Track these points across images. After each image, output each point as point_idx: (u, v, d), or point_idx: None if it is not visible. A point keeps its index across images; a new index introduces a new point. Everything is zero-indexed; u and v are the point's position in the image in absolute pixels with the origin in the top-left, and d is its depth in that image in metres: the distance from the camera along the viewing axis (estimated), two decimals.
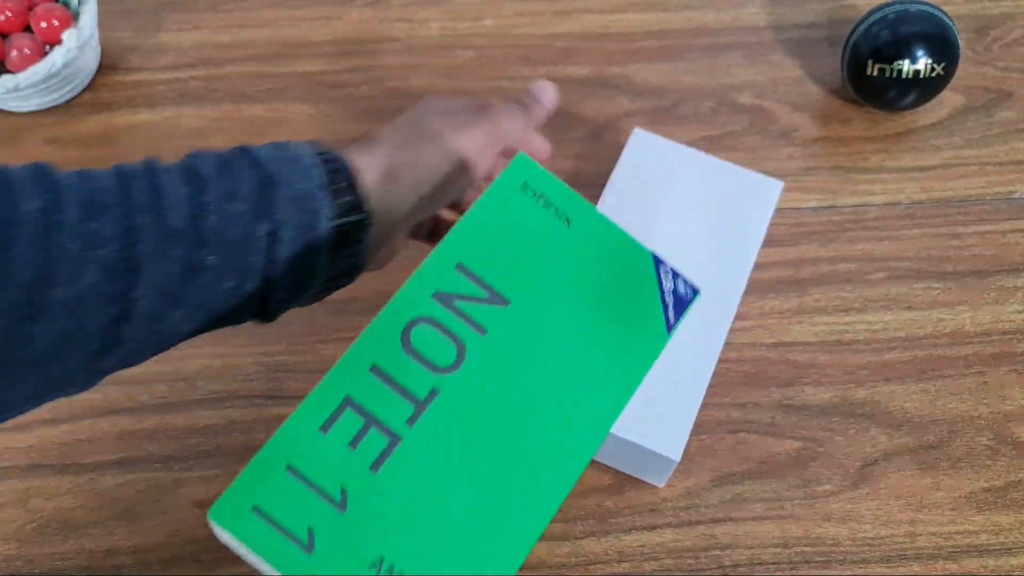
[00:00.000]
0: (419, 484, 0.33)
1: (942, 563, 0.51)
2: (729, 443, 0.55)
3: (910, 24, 0.61)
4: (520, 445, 0.34)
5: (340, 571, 0.32)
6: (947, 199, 0.63)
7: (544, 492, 0.34)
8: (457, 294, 0.37)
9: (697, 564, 0.51)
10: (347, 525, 0.32)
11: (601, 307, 0.38)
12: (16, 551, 0.52)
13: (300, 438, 0.34)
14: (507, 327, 0.37)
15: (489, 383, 0.35)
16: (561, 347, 0.37)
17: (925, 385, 0.56)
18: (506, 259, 0.38)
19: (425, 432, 0.34)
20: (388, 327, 0.36)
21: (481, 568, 0.32)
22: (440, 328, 0.36)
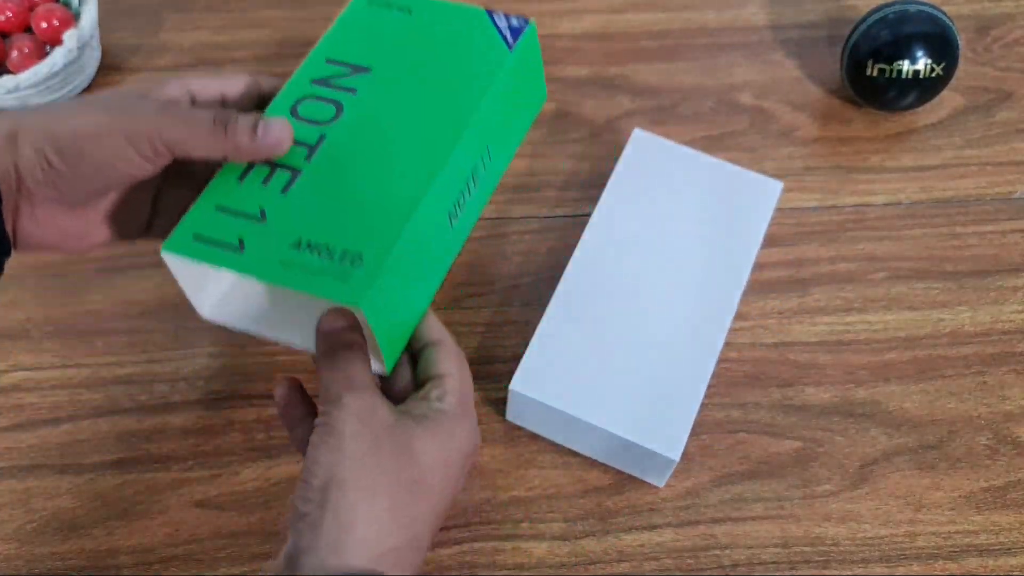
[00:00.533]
0: (320, 194, 0.42)
1: (942, 563, 0.51)
2: (729, 443, 0.55)
3: (910, 24, 0.61)
4: (391, 161, 0.43)
5: (268, 257, 0.39)
6: (947, 199, 0.63)
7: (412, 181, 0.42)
8: (330, 76, 0.46)
9: (697, 564, 0.51)
10: (268, 229, 0.40)
11: (447, 52, 0.47)
12: (16, 551, 0.52)
13: (223, 187, 0.42)
14: (373, 84, 0.46)
15: (365, 123, 0.44)
16: (420, 85, 0.46)
17: (925, 385, 0.56)
18: (364, 46, 0.47)
19: (319, 162, 0.43)
20: (280, 109, 0.45)
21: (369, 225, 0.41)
22: (320, 99, 0.45)
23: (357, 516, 0.35)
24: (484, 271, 0.60)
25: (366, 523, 0.35)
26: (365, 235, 0.40)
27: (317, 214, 0.41)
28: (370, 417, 0.37)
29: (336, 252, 0.39)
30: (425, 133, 0.44)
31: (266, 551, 0.52)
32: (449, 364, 0.41)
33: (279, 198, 0.41)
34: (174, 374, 0.57)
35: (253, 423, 0.55)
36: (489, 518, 0.52)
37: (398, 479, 0.36)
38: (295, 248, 0.40)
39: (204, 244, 0.40)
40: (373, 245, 0.40)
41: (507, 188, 0.63)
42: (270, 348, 0.58)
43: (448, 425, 0.39)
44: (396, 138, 0.44)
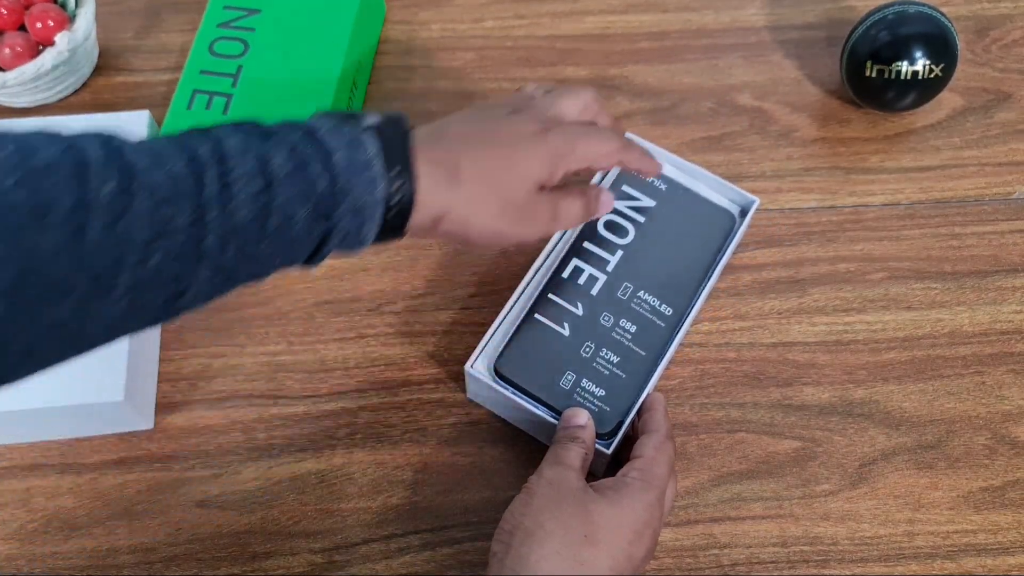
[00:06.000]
0: (252, 113, 0.57)
1: (940, 562, 0.51)
2: (728, 443, 0.55)
3: (909, 25, 0.61)
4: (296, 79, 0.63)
5: None
6: (946, 200, 0.63)
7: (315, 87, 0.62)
8: (230, 20, 0.65)
9: (696, 563, 0.51)
10: None
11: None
12: (17, 550, 0.52)
13: (174, 116, 0.61)
14: (265, 22, 0.65)
15: (268, 53, 0.64)
16: (300, 18, 0.65)
17: (923, 385, 0.56)
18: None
19: (243, 88, 0.62)
20: (200, 51, 0.64)
21: None
22: (228, 39, 0.64)
23: (531, 553, 0.42)
24: (484, 271, 0.60)
25: (537, 560, 0.41)
26: None
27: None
28: (560, 483, 0.45)
29: None
30: (314, 52, 0.63)
31: (267, 550, 0.52)
32: (648, 448, 0.47)
33: (224, 119, 0.47)
34: (175, 374, 0.57)
35: (254, 423, 0.55)
36: (489, 518, 0.53)
37: (570, 530, 0.42)
38: None
39: None
40: None
41: None
42: (270, 348, 0.58)
43: (627, 495, 0.44)
44: (295, 60, 0.63)
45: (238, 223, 0.37)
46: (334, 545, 0.52)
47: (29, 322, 0.33)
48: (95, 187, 0.34)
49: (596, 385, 0.52)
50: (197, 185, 0.36)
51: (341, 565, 0.51)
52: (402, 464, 0.54)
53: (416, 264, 0.61)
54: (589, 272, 0.55)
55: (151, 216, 0.35)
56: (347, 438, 0.55)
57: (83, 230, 0.33)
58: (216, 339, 0.58)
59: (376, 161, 0.41)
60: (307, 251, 0.41)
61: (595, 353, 0.53)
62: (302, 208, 0.39)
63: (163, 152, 0.37)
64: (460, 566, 0.51)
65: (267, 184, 0.38)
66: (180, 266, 0.36)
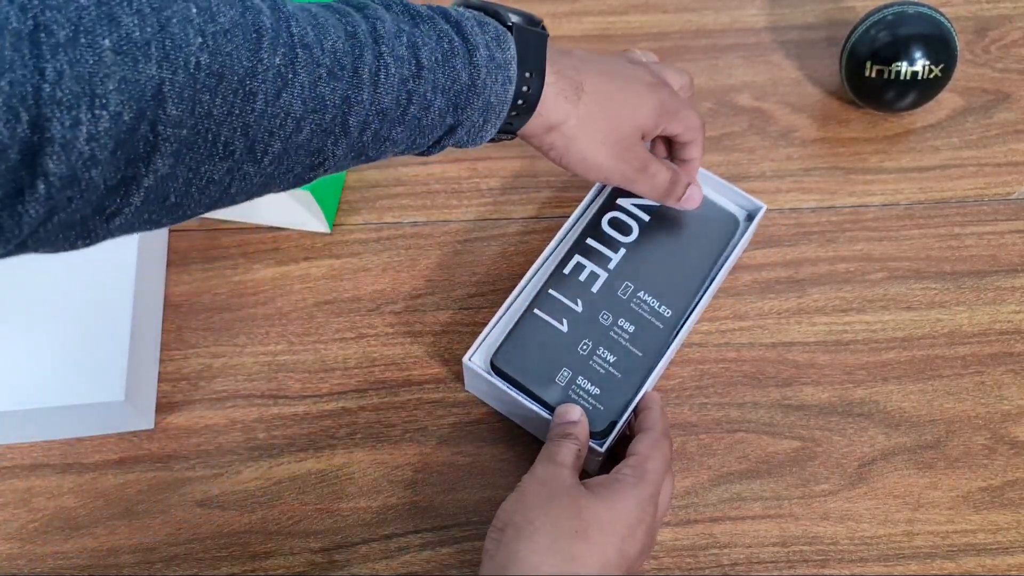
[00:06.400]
0: None
1: (940, 562, 0.51)
2: (727, 442, 0.55)
3: (908, 26, 0.61)
4: None
5: None
6: (945, 200, 0.63)
7: None
8: None
9: (696, 563, 0.51)
10: None
11: None
12: (18, 550, 0.52)
13: None
14: None
15: None
16: None
17: (923, 385, 0.56)
18: None
19: None
20: None
21: None
22: None
23: (522, 549, 0.42)
24: (484, 271, 0.60)
25: (528, 555, 0.41)
26: None
27: None
28: (551, 480, 0.45)
29: None
30: None
31: (267, 550, 0.52)
32: (642, 445, 0.47)
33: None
34: (175, 374, 0.57)
35: (254, 422, 0.56)
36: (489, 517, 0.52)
37: (560, 526, 0.42)
38: None
39: None
40: None
41: (507, 189, 0.64)
42: (270, 348, 0.58)
43: (618, 492, 0.44)
44: None
45: (383, 107, 0.40)
46: (334, 545, 0.52)
47: (187, 179, 0.35)
48: (267, 57, 0.35)
49: (591, 383, 0.52)
50: (354, 64, 0.38)
51: (341, 565, 0.52)
52: (402, 464, 0.54)
53: (416, 264, 0.61)
54: (591, 269, 0.55)
55: (310, 91, 0.37)
56: (347, 438, 0.55)
57: (252, 98, 0.35)
58: (216, 339, 0.58)
59: (513, 63, 0.43)
60: (431, 140, 0.43)
61: (592, 351, 0.52)
62: (441, 99, 0.41)
63: (326, 25, 0.38)
64: (460, 566, 0.52)
65: (416, 72, 0.40)
66: (323, 140, 0.39)
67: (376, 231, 0.62)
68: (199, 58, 0.33)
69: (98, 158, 0.31)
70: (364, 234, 0.62)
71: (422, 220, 0.63)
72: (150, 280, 0.58)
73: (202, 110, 0.34)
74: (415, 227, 0.62)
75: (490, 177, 0.64)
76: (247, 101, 0.35)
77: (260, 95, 0.35)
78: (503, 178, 0.64)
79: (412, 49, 0.40)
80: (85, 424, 0.54)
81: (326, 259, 0.61)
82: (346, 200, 0.63)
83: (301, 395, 0.57)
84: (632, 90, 0.50)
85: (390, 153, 0.43)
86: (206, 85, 0.33)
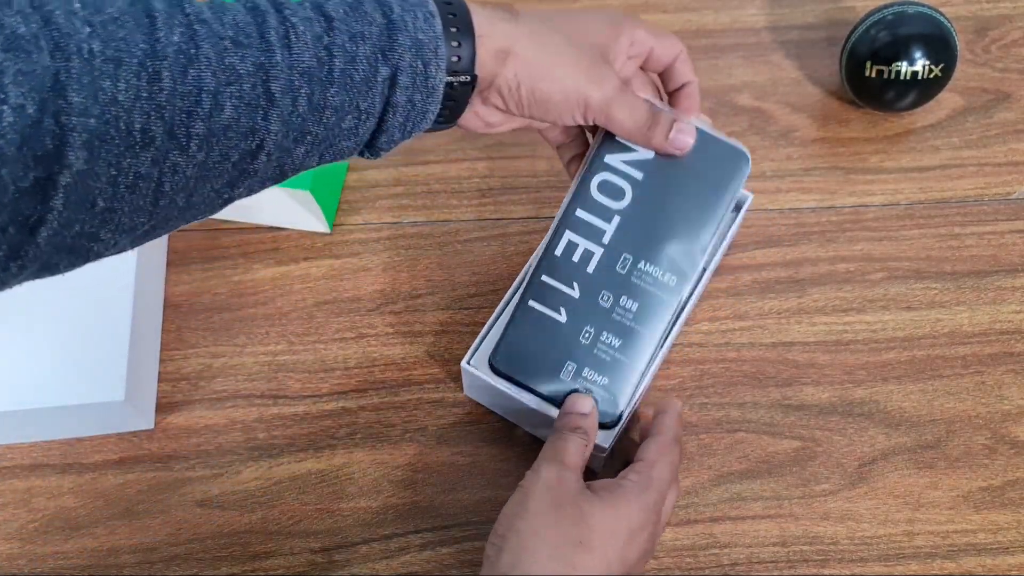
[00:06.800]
0: None
1: (940, 562, 0.51)
2: (728, 442, 0.55)
3: (908, 26, 0.61)
4: None
5: None
6: (946, 200, 0.63)
7: None
8: None
9: (696, 563, 0.51)
10: None
11: None
12: (18, 550, 0.52)
13: None
14: None
15: None
16: None
17: (923, 385, 0.56)
18: None
19: None
20: None
21: None
22: None
23: (522, 557, 0.41)
24: (484, 271, 0.60)
25: (530, 564, 0.41)
26: None
27: None
28: (556, 484, 0.43)
29: None
30: None
31: (267, 550, 0.52)
32: (650, 451, 0.46)
33: None
34: (175, 374, 0.57)
35: (254, 423, 0.56)
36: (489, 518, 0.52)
37: (563, 534, 0.42)
38: None
39: None
40: None
41: (507, 188, 0.64)
42: (270, 348, 0.58)
43: (623, 498, 0.44)
44: None
45: (304, 67, 0.38)
46: (334, 545, 0.52)
47: (111, 176, 0.34)
48: (163, 36, 0.34)
49: (599, 373, 0.49)
50: (260, 30, 0.37)
51: (341, 565, 0.52)
52: (402, 464, 0.54)
53: (416, 264, 0.61)
54: (584, 247, 0.50)
55: (218, 63, 0.35)
56: (347, 438, 0.55)
57: (157, 79, 0.34)
58: (216, 339, 0.58)
59: (429, 2, 0.41)
60: (378, 102, 0.40)
61: (595, 339, 0.49)
62: (364, 47, 0.39)
63: (223, 2, 0.37)
64: (460, 566, 0.51)
65: (327, 26, 0.38)
66: (251, 116, 0.37)
67: (376, 231, 0.62)
68: (91, 45, 0.32)
69: (5, 154, 0.30)
70: (364, 234, 0.62)
71: (422, 220, 0.63)
72: (150, 280, 0.58)
73: (106, 97, 0.33)
74: (415, 227, 0.62)
75: (490, 177, 0.64)
76: (153, 82, 0.34)
77: (166, 74, 0.34)
78: (503, 178, 0.64)
79: (317, 6, 0.39)
80: (85, 424, 0.54)
81: (326, 259, 0.61)
82: (346, 200, 0.63)
83: (301, 395, 0.57)
84: (572, 12, 0.48)
85: (340, 127, 0.40)
86: (104, 71, 0.33)
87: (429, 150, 0.65)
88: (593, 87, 0.45)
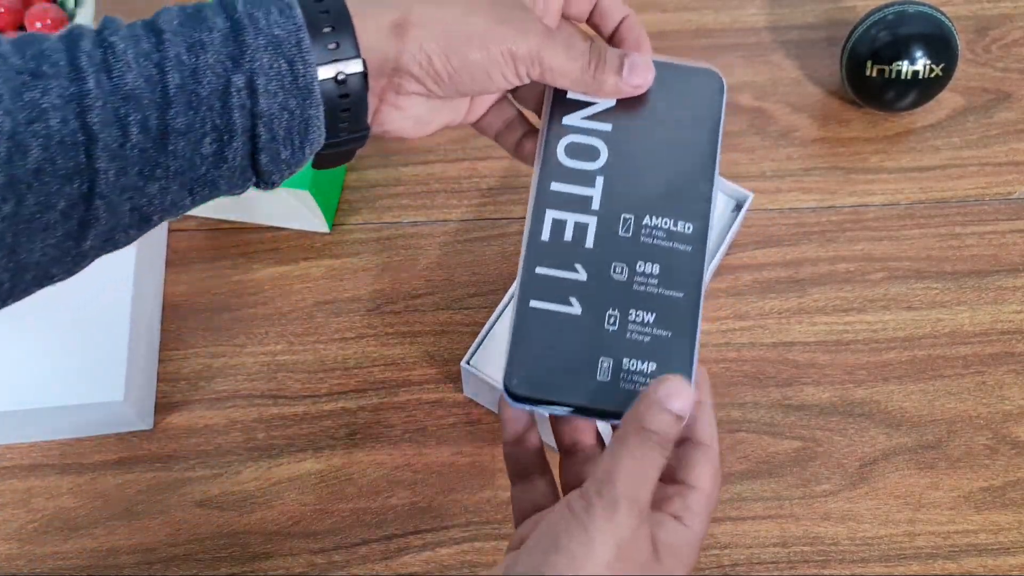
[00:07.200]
0: None
1: (941, 562, 0.51)
2: (728, 443, 0.55)
3: (909, 25, 0.61)
4: None
5: None
6: (946, 199, 0.63)
7: None
8: None
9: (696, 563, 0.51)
10: None
11: None
12: (18, 550, 0.52)
13: None
14: None
15: None
16: None
17: (924, 385, 0.56)
18: None
19: None
20: None
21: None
22: None
23: None
24: (484, 271, 0.60)
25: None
26: None
27: None
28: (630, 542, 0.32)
29: None
30: None
31: (267, 551, 0.52)
32: (706, 478, 0.35)
33: None
34: (175, 374, 0.57)
35: (254, 423, 0.55)
36: (489, 518, 0.53)
37: None
38: None
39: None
40: None
41: (507, 188, 0.64)
42: (270, 348, 0.58)
43: (689, 549, 0.34)
44: None
45: (128, 90, 0.32)
46: (334, 545, 0.52)
47: None
48: None
49: (642, 360, 0.39)
50: (70, 56, 0.32)
51: (341, 565, 0.51)
52: (402, 464, 0.54)
53: (416, 264, 0.61)
54: (574, 221, 0.42)
55: (15, 99, 0.31)
56: (347, 438, 0.55)
57: None
58: (216, 339, 0.58)
59: None
60: (239, 116, 0.34)
61: (623, 321, 0.40)
62: (205, 55, 0.33)
63: (32, 38, 0.32)
64: (460, 566, 0.51)
65: (156, 41, 0.33)
66: (68, 156, 0.31)
67: (376, 231, 0.62)
68: None
69: None
70: (364, 234, 0.62)
71: (422, 220, 0.63)
72: (149, 280, 0.58)
73: None
74: (415, 227, 0.62)
75: (490, 177, 0.64)
76: None
77: None
78: (503, 178, 0.64)
79: (147, 24, 0.34)
80: (84, 424, 0.54)
81: (326, 259, 0.61)
82: (346, 200, 0.63)
83: (301, 395, 0.56)
84: None
85: (199, 153, 0.34)
86: None
87: (429, 150, 0.65)
88: (515, 35, 0.38)
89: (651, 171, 0.42)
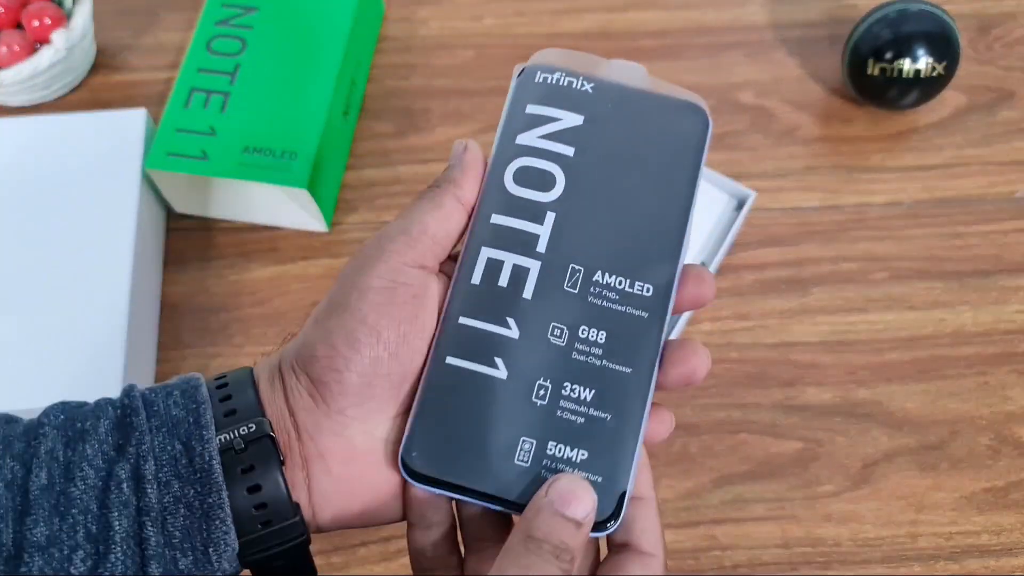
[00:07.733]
0: (250, 110, 0.61)
1: (943, 563, 0.51)
2: (730, 443, 0.54)
3: (911, 23, 0.61)
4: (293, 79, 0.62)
5: (227, 161, 0.58)
6: (949, 199, 0.63)
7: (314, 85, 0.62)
8: (228, 18, 0.65)
9: (698, 565, 0.51)
10: (221, 141, 0.59)
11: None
12: None
13: (175, 114, 0.61)
14: (263, 20, 0.65)
15: (266, 51, 0.63)
16: (297, 17, 0.65)
17: (926, 385, 0.56)
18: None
19: (241, 86, 0.62)
20: (198, 49, 0.64)
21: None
22: (226, 37, 0.64)
23: None
24: None
25: None
26: (293, 136, 0.59)
27: (254, 125, 0.60)
28: None
29: (276, 152, 0.58)
30: (312, 49, 0.63)
31: None
32: (658, 543, 0.31)
33: (221, 116, 0.60)
34: (173, 374, 0.57)
35: None
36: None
37: None
38: (245, 153, 0.58)
39: (177, 158, 0.58)
40: (301, 143, 0.59)
41: None
42: (270, 348, 0.57)
43: None
44: (293, 58, 0.63)
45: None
46: (332, 547, 0.52)
47: None
48: None
49: (570, 446, 0.32)
50: None
51: (339, 567, 0.51)
52: None
53: None
54: (512, 263, 0.34)
55: None
56: None
57: None
58: (214, 339, 0.58)
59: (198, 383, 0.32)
60: (121, 518, 0.27)
61: (555, 394, 0.33)
62: (84, 446, 0.28)
63: None
64: None
65: (32, 436, 0.28)
66: None
67: (374, 230, 0.62)
68: None
69: None
70: (362, 233, 0.62)
71: None
72: (146, 280, 0.58)
73: None
74: None
75: None
76: None
77: None
78: None
79: (29, 420, 0.29)
80: None
81: (324, 258, 0.61)
82: (344, 199, 0.63)
83: None
84: None
85: (69, 574, 0.26)
86: None
87: (428, 148, 0.65)
88: None
89: (612, 214, 0.35)
